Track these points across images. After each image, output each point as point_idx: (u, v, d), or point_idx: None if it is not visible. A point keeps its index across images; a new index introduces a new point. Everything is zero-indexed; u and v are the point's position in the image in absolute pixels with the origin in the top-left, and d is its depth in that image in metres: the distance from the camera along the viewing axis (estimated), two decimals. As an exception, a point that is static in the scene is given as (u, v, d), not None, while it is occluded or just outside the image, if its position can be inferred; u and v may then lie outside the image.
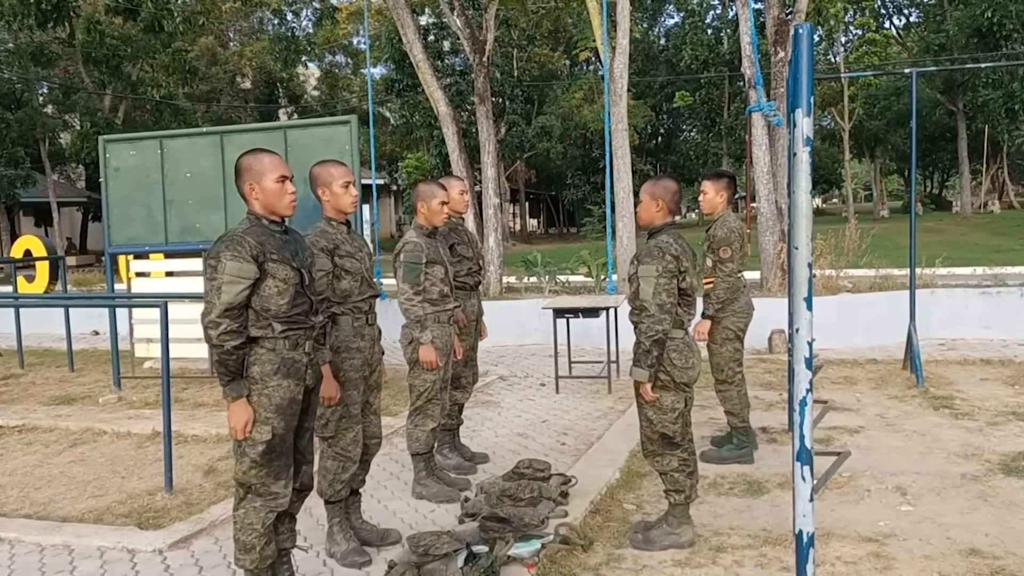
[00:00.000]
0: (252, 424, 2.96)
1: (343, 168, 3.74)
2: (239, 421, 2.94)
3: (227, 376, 2.93)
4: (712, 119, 37.13)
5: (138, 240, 7.77)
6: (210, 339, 2.91)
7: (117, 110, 26.99)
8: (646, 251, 3.72)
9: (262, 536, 3.04)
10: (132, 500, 4.81)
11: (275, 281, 3.00)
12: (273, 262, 3.00)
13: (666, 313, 3.63)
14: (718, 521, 4.16)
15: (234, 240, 2.96)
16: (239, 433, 2.95)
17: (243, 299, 2.95)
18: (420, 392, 4.46)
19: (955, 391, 6.56)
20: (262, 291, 2.99)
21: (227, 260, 2.92)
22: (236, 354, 2.94)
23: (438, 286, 4.44)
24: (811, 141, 2.82)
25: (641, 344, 3.66)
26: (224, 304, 2.90)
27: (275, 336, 3.02)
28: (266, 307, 3.00)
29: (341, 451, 3.69)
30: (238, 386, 2.95)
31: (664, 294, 3.63)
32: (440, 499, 4.49)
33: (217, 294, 2.91)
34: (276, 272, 3.00)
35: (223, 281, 2.91)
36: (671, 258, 3.67)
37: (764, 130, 10.09)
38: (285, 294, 3.02)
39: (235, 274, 2.91)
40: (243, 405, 2.95)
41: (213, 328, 2.90)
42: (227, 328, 2.90)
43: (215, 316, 2.90)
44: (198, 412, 6.88)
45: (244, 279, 2.93)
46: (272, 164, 3.08)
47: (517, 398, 7.18)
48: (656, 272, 3.64)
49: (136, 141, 7.83)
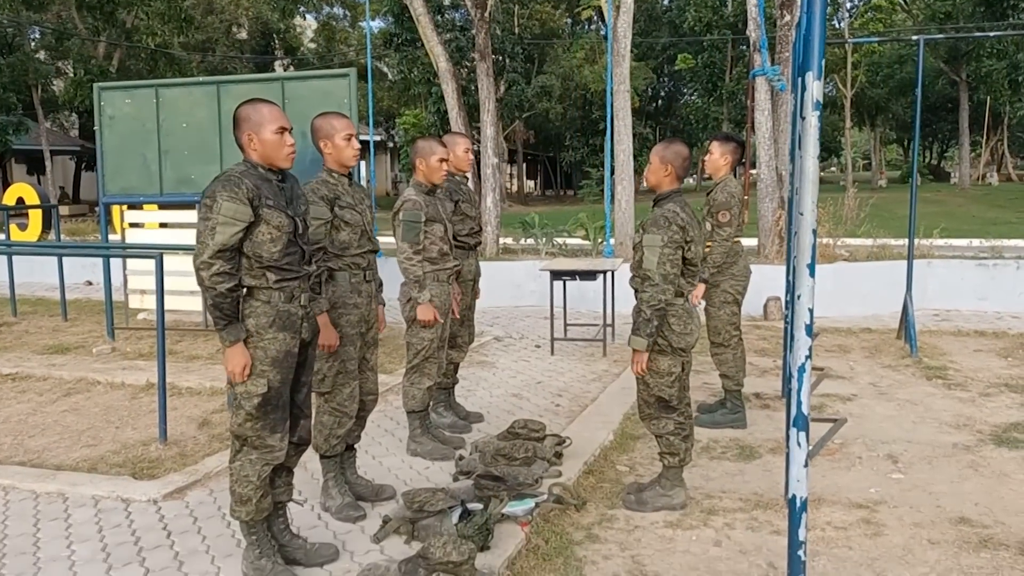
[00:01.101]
0: (250, 369, 2.94)
1: (345, 120, 3.68)
2: (237, 365, 2.92)
3: (223, 320, 2.90)
4: (714, 83, 36.76)
5: (133, 190, 7.69)
6: (202, 281, 2.88)
7: (111, 58, 26.59)
8: (652, 220, 3.68)
9: (258, 489, 3.04)
10: (126, 450, 4.82)
11: (268, 227, 2.96)
12: (268, 208, 2.96)
13: (669, 283, 3.61)
14: (710, 484, 4.19)
15: (231, 180, 2.91)
16: (237, 377, 2.93)
17: (236, 241, 2.90)
18: (417, 350, 4.45)
19: (948, 362, 6.59)
20: (255, 236, 2.95)
21: (223, 200, 2.87)
22: (230, 297, 2.90)
23: (437, 244, 4.40)
24: (820, 105, 2.78)
25: (642, 313, 3.64)
26: (217, 245, 2.86)
27: (270, 287, 2.99)
28: (258, 253, 2.96)
29: (337, 406, 3.68)
30: (235, 330, 2.92)
31: (668, 264, 3.61)
32: (434, 457, 4.50)
33: (211, 234, 2.87)
34: (270, 218, 2.96)
35: (217, 222, 2.87)
36: (677, 228, 3.63)
37: (767, 95, 9.99)
38: (278, 241, 2.98)
39: (230, 215, 2.87)
40: (240, 349, 2.93)
41: (205, 269, 2.87)
42: (219, 269, 2.86)
43: (207, 257, 2.86)
44: (192, 365, 6.88)
45: (239, 221, 2.89)
46: (271, 115, 3.02)
47: (512, 359, 7.18)
48: (662, 242, 3.61)
49: (132, 89, 7.72)
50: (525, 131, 36.62)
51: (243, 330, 2.95)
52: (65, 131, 37.86)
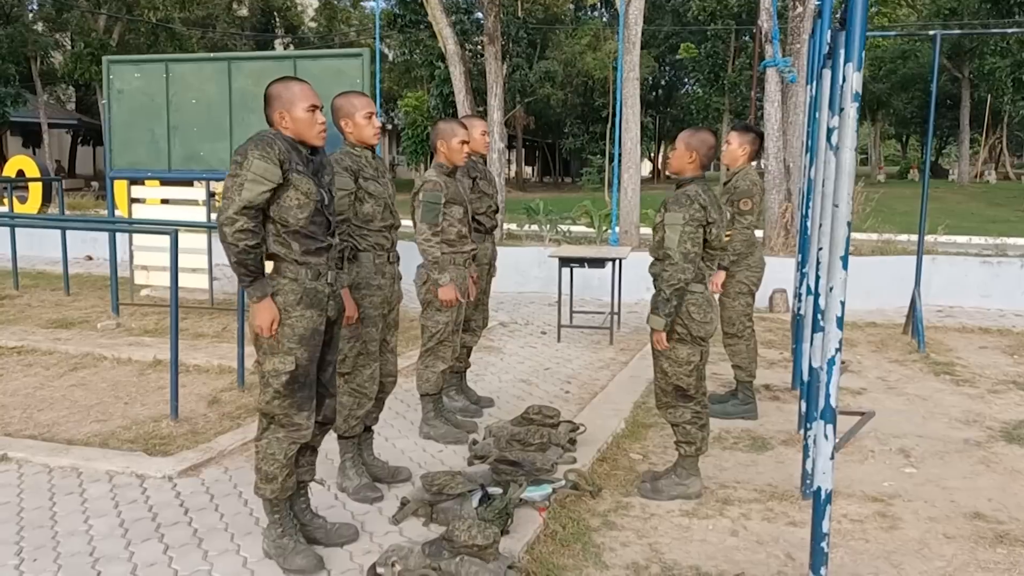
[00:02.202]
0: (278, 323, 2.93)
1: (366, 99, 3.66)
2: (265, 320, 2.91)
3: (248, 276, 2.88)
4: (716, 73, 36.63)
5: (140, 165, 7.63)
6: (224, 237, 2.85)
7: (111, 31, 26.37)
8: (674, 198, 3.68)
9: (284, 467, 3.03)
10: (137, 426, 4.80)
11: (297, 193, 2.95)
12: (298, 173, 2.95)
13: (689, 263, 3.60)
14: (723, 474, 4.20)
15: (264, 140, 2.90)
16: (266, 331, 2.92)
17: (263, 201, 2.88)
18: (432, 333, 4.44)
19: (955, 358, 6.62)
20: (282, 201, 2.94)
21: (255, 158, 2.85)
22: (253, 253, 2.88)
23: (456, 227, 4.39)
24: (860, 97, 2.77)
25: (661, 292, 3.64)
26: (244, 201, 2.84)
27: (296, 260, 2.97)
28: (284, 218, 2.95)
29: (357, 387, 3.68)
30: (261, 285, 2.91)
31: (689, 243, 3.60)
32: (448, 440, 4.50)
33: (238, 190, 2.85)
34: (299, 184, 2.95)
35: (247, 178, 2.85)
36: (699, 207, 3.63)
37: (777, 87, 9.96)
38: (304, 208, 2.97)
39: (260, 173, 2.85)
40: (268, 304, 2.91)
41: (229, 225, 2.84)
42: (243, 226, 2.84)
43: (232, 212, 2.84)
44: (199, 342, 6.85)
45: (268, 180, 2.87)
46: (303, 93, 3.00)
47: (519, 345, 7.18)
48: (683, 220, 3.60)
49: (141, 64, 7.65)
50: (526, 117, 36.49)
51: (270, 285, 2.94)
52: (62, 104, 37.58)
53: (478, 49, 26.21)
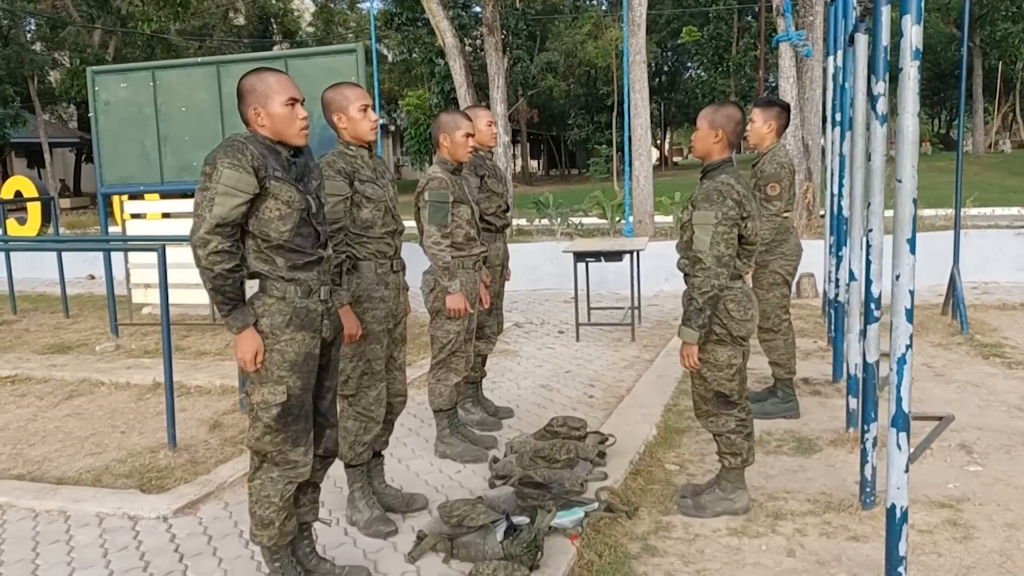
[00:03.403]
0: (263, 353, 2.59)
1: (359, 90, 3.29)
2: (247, 351, 2.56)
3: (226, 305, 2.53)
4: (720, 56, 36.06)
5: (132, 179, 7.31)
6: (198, 260, 2.51)
7: (107, 46, 26.12)
8: (703, 194, 3.29)
9: (281, 510, 2.69)
10: (133, 458, 4.48)
11: (277, 203, 2.58)
12: (276, 180, 2.58)
13: (723, 266, 3.21)
14: (770, 483, 3.83)
15: (234, 146, 2.53)
16: (249, 365, 2.57)
17: (238, 216, 2.53)
18: (443, 344, 4.09)
19: (1002, 338, 6.21)
20: (261, 213, 2.58)
21: (224, 168, 2.49)
22: (231, 278, 2.53)
23: (464, 228, 4.03)
24: (920, 54, 2.39)
25: (693, 301, 3.25)
26: (216, 218, 2.49)
27: (282, 278, 2.62)
28: (265, 232, 2.59)
29: (363, 410, 3.32)
30: (242, 314, 2.56)
31: (722, 244, 3.21)
32: (466, 459, 4.15)
33: (208, 206, 2.49)
34: (278, 192, 2.58)
35: (217, 192, 2.49)
36: (732, 203, 3.23)
37: (792, 61, 9.55)
38: (287, 219, 2.61)
39: (232, 185, 2.50)
40: (250, 334, 2.57)
41: (201, 246, 2.49)
42: (217, 247, 2.49)
43: (204, 232, 2.49)
44: (200, 361, 6.53)
45: (242, 192, 2.51)
46: (280, 85, 2.63)
47: (536, 346, 6.82)
48: (715, 219, 3.21)
49: (127, 73, 7.32)
50: (529, 110, 36.04)
51: (252, 313, 2.59)
52: (64, 123, 37.42)
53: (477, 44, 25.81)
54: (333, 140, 3.47)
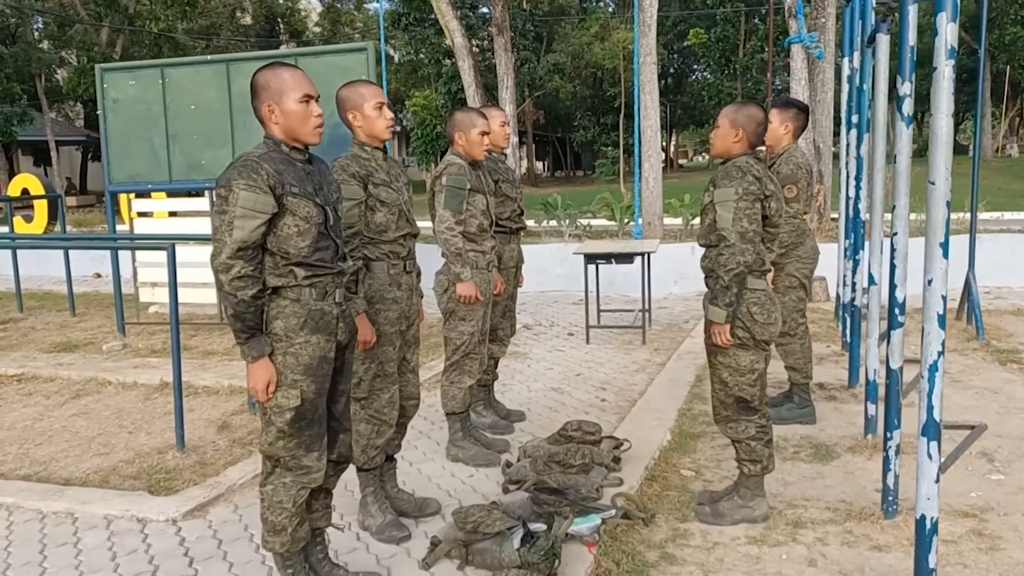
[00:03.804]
0: (276, 385, 2.53)
1: (374, 88, 3.24)
2: (260, 382, 2.50)
3: (244, 333, 2.47)
4: (727, 58, 35.96)
5: (140, 177, 7.26)
6: (221, 286, 2.45)
7: (115, 44, 26.12)
8: (723, 173, 3.23)
9: (293, 516, 2.63)
10: (141, 459, 4.43)
11: (295, 219, 2.52)
12: (293, 196, 2.52)
13: (748, 243, 3.15)
14: (789, 490, 3.76)
15: (247, 166, 2.47)
16: (261, 395, 2.51)
17: (258, 237, 2.47)
18: (457, 346, 4.02)
19: (1018, 344, 6.13)
20: (279, 230, 2.52)
21: (240, 190, 2.43)
22: (253, 306, 2.47)
23: (477, 218, 3.96)
24: (955, 53, 2.33)
25: (719, 279, 3.18)
26: (237, 242, 2.43)
27: (299, 284, 2.56)
28: (284, 249, 2.53)
29: (375, 413, 3.27)
30: (258, 344, 2.50)
31: (745, 220, 3.15)
32: (478, 462, 4.08)
33: (228, 231, 2.43)
34: (296, 208, 2.52)
35: (235, 215, 2.43)
36: (752, 179, 3.18)
37: (803, 63, 9.47)
38: (306, 235, 2.55)
39: (249, 207, 2.44)
40: (265, 364, 2.51)
41: (224, 272, 2.43)
42: (241, 271, 2.43)
43: (226, 257, 2.43)
44: (208, 361, 6.48)
45: (260, 213, 2.45)
46: (295, 81, 2.58)
47: (546, 349, 6.76)
48: (736, 195, 3.15)
49: (135, 70, 7.27)
50: (535, 111, 35.97)
51: (268, 344, 2.53)
52: (70, 121, 37.46)
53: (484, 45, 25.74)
54: (343, 140, 3.41)
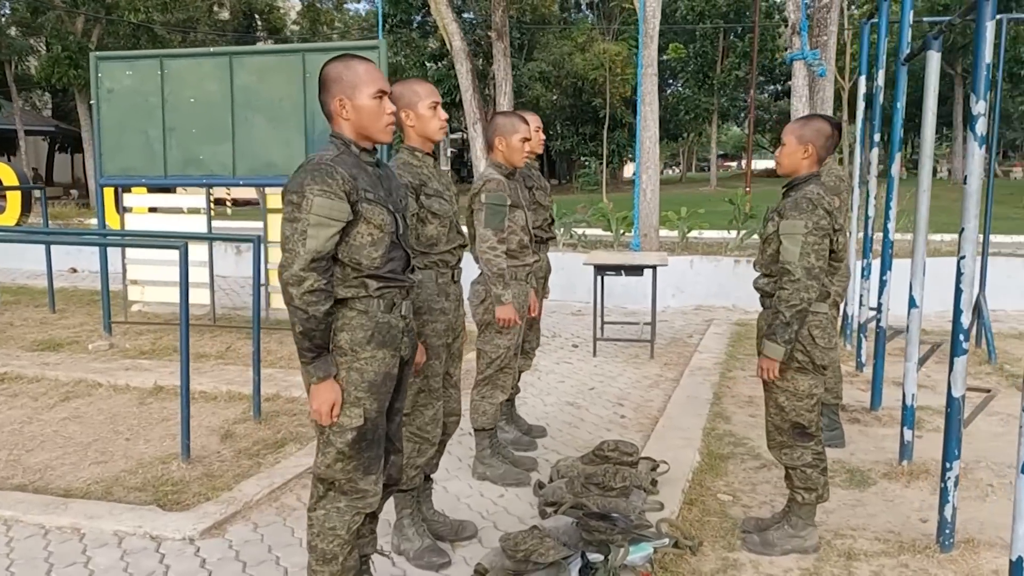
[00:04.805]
0: (340, 407, 2.34)
1: (429, 86, 3.06)
2: (326, 403, 2.31)
3: (312, 352, 2.28)
4: (705, 74, 36.25)
5: (133, 171, 6.97)
6: (291, 300, 2.25)
7: (90, 34, 25.46)
8: (792, 203, 3.11)
9: (346, 544, 2.43)
10: (143, 469, 4.18)
11: (369, 227, 2.34)
12: (368, 202, 2.34)
13: (814, 279, 3.04)
14: (832, 519, 3.63)
15: (322, 170, 2.27)
16: (325, 419, 2.32)
17: (332, 247, 2.29)
18: (492, 359, 3.85)
19: (1033, 369, 6.11)
20: (352, 239, 2.33)
21: (315, 196, 2.24)
22: (325, 323, 2.28)
23: (518, 235, 3.81)
24: None
25: (780, 314, 3.06)
26: (311, 252, 2.24)
27: (368, 295, 2.37)
28: (356, 260, 2.34)
29: (418, 431, 3.08)
30: (325, 364, 2.30)
31: (813, 256, 3.03)
32: (507, 482, 3.91)
33: (302, 240, 2.24)
34: (372, 216, 2.34)
35: (309, 223, 2.24)
36: (824, 212, 3.07)
37: (805, 80, 9.45)
38: (380, 244, 2.37)
39: (325, 214, 2.25)
40: (331, 386, 2.31)
41: (295, 285, 2.24)
42: (313, 285, 2.24)
43: (299, 269, 2.23)
44: (202, 364, 6.21)
45: (335, 221, 2.27)
46: (369, 75, 2.40)
47: (553, 361, 6.60)
48: (805, 229, 3.04)
49: (133, 60, 6.99)
50: (516, 119, 35.79)
51: (334, 364, 2.34)
52: (38, 111, 36.53)
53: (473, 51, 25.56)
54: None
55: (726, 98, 37.34)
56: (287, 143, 6.53)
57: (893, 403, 5.24)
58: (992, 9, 3.03)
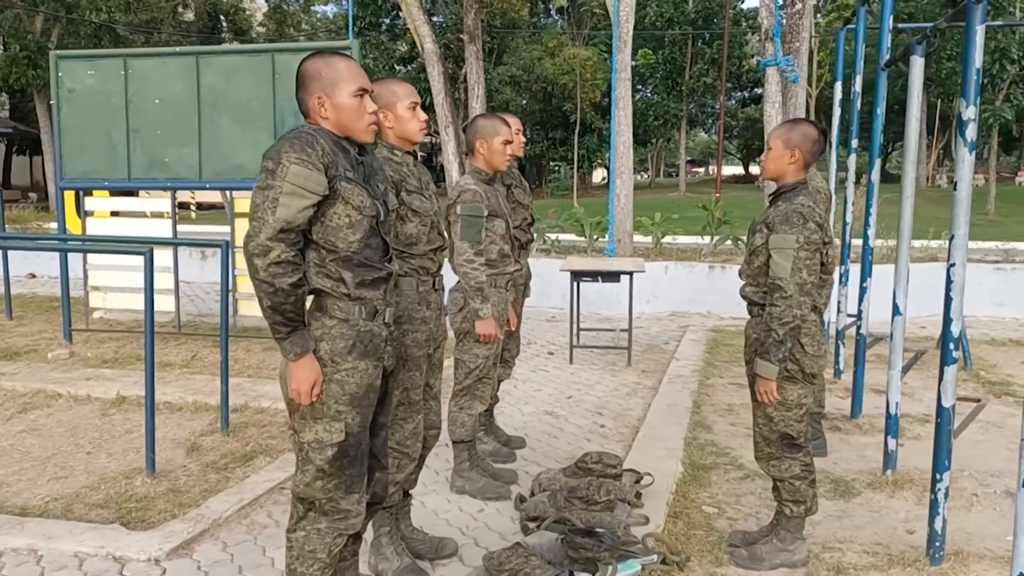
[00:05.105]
0: (320, 386, 2.22)
1: (408, 86, 2.94)
2: (304, 382, 2.18)
3: (285, 326, 2.15)
4: (673, 80, 36.50)
5: (95, 174, 6.75)
6: (255, 271, 2.11)
7: (50, 33, 24.90)
8: (782, 217, 3.03)
9: (326, 568, 2.30)
10: (106, 485, 4.00)
11: (347, 208, 2.23)
12: (347, 181, 2.23)
13: (806, 295, 2.97)
14: (818, 530, 3.56)
15: (303, 139, 2.16)
16: (305, 398, 2.19)
17: (304, 220, 2.16)
18: (470, 369, 3.73)
19: (1006, 376, 6.13)
20: (329, 219, 2.21)
21: (291, 163, 2.12)
22: (294, 295, 2.14)
23: (498, 244, 3.70)
24: None
25: (772, 332, 2.98)
26: (280, 221, 2.11)
27: (347, 295, 2.25)
28: (332, 243, 2.23)
29: (397, 446, 2.95)
30: (302, 338, 2.17)
31: (805, 271, 2.96)
32: (487, 495, 3.79)
33: (272, 208, 2.11)
34: (350, 195, 2.23)
35: (282, 191, 2.12)
36: (815, 227, 3.00)
37: (778, 87, 9.47)
38: (358, 227, 2.25)
39: (300, 183, 2.13)
40: (309, 361, 2.19)
41: (261, 255, 2.10)
42: (280, 256, 2.10)
43: (265, 238, 2.10)
44: (167, 374, 6.01)
45: (310, 193, 2.15)
46: (350, 72, 2.28)
47: (529, 368, 6.50)
48: (796, 243, 2.96)
49: (96, 59, 6.77)
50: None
51: (311, 338, 2.21)
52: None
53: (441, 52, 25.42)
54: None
55: (694, 104, 37.65)
56: (255, 145, 6.35)
57: (872, 410, 5.23)
58: (982, 13, 2.99)
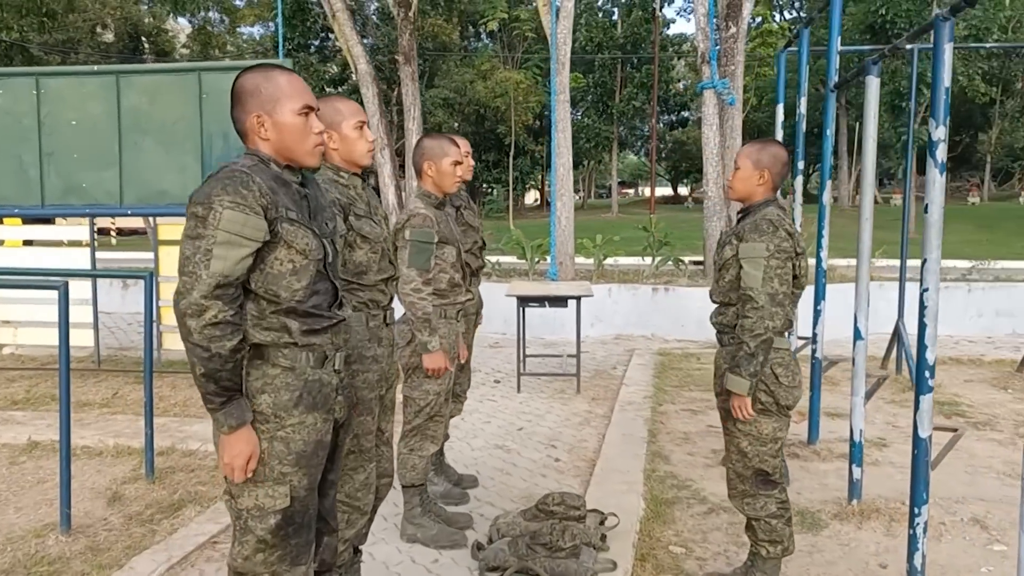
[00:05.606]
0: (256, 460, 1.94)
1: (353, 105, 2.70)
2: (240, 456, 1.91)
3: (219, 396, 1.87)
4: (604, 103, 36.92)
5: (5, 200, 6.27)
6: (188, 335, 1.84)
7: (-43, 53, 23.77)
8: (752, 225, 2.89)
9: (269, 652, 2.01)
10: (13, 545, 3.59)
11: (291, 253, 1.97)
12: (290, 223, 1.96)
13: (778, 305, 2.81)
14: (791, 568, 3.40)
15: (236, 179, 1.89)
16: (239, 474, 1.91)
17: (243, 271, 1.90)
18: (420, 407, 3.47)
19: (953, 395, 6.14)
20: (269, 266, 1.95)
21: (224, 209, 1.85)
22: (232, 360, 1.87)
23: (448, 273, 3.46)
24: None
25: (744, 346, 2.82)
26: (216, 276, 1.84)
27: (292, 343, 1.98)
28: (274, 292, 1.96)
29: (347, 499, 2.67)
30: (238, 408, 1.90)
31: (776, 281, 2.81)
32: (441, 544, 3.52)
33: (205, 261, 1.84)
34: (294, 239, 1.97)
35: (216, 240, 1.85)
36: (785, 234, 2.86)
37: (715, 108, 9.50)
38: (303, 273, 1.99)
39: (235, 231, 1.86)
40: (246, 434, 1.91)
41: (194, 316, 1.83)
42: (217, 316, 1.83)
43: (199, 296, 1.83)
44: (85, 415, 5.56)
45: (249, 240, 1.88)
46: (293, 88, 2.02)
47: (475, 398, 6.24)
48: (767, 251, 2.81)
49: (4, 78, 6.31)
50: (417, 145, 35.43)
51: (248, 408, 1.93)
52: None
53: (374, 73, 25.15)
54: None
55: (624, 127, 38.14)
56: (181, 169, 5.99)
57: (828, 436, 5.14)
58: (950, 31, 2.90)
